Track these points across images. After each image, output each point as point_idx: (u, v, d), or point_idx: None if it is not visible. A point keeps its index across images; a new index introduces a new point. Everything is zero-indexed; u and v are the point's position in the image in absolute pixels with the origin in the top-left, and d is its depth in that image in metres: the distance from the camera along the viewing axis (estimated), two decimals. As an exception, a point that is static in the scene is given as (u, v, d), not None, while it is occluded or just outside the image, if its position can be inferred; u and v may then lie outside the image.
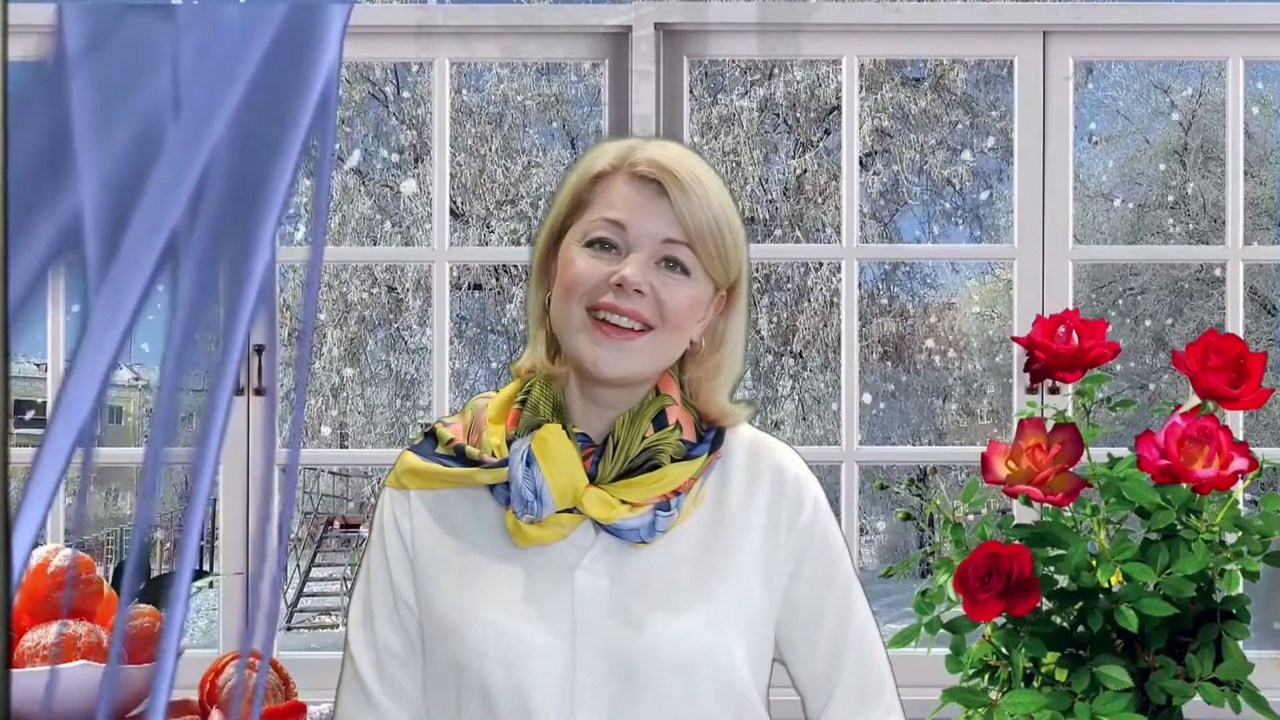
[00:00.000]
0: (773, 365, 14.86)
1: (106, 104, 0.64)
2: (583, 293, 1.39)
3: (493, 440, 1.44)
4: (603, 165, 1.44)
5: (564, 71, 14.87)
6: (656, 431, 1.43)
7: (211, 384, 0.63)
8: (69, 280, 0.64)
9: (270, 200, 0.65)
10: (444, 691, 1.43)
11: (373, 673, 1.45)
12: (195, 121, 0.64)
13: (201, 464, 0.63)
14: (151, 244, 0.62)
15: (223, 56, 0.65)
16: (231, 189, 0.64)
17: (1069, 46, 2.76)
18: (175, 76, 0.64)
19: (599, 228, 1.41)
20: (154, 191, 0.63)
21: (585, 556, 1.41)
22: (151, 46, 0.64)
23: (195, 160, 0.64)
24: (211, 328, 0.64)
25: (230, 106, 0.64)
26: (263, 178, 0.65)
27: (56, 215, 0.63)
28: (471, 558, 1.43)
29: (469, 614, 1.40)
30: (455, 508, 1.45)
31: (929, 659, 1.75)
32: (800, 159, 14.91)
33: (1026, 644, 1.62)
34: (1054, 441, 1.62)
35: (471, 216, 14.59)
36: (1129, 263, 14.06)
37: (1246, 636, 1.63)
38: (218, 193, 0.64)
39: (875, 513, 15.26)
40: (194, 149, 0.64)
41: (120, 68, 0.64)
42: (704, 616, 1.41)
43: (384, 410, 15.35)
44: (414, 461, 1.46)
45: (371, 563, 1.48)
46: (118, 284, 0.62)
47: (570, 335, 1.41)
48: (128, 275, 0.62)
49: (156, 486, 0.65)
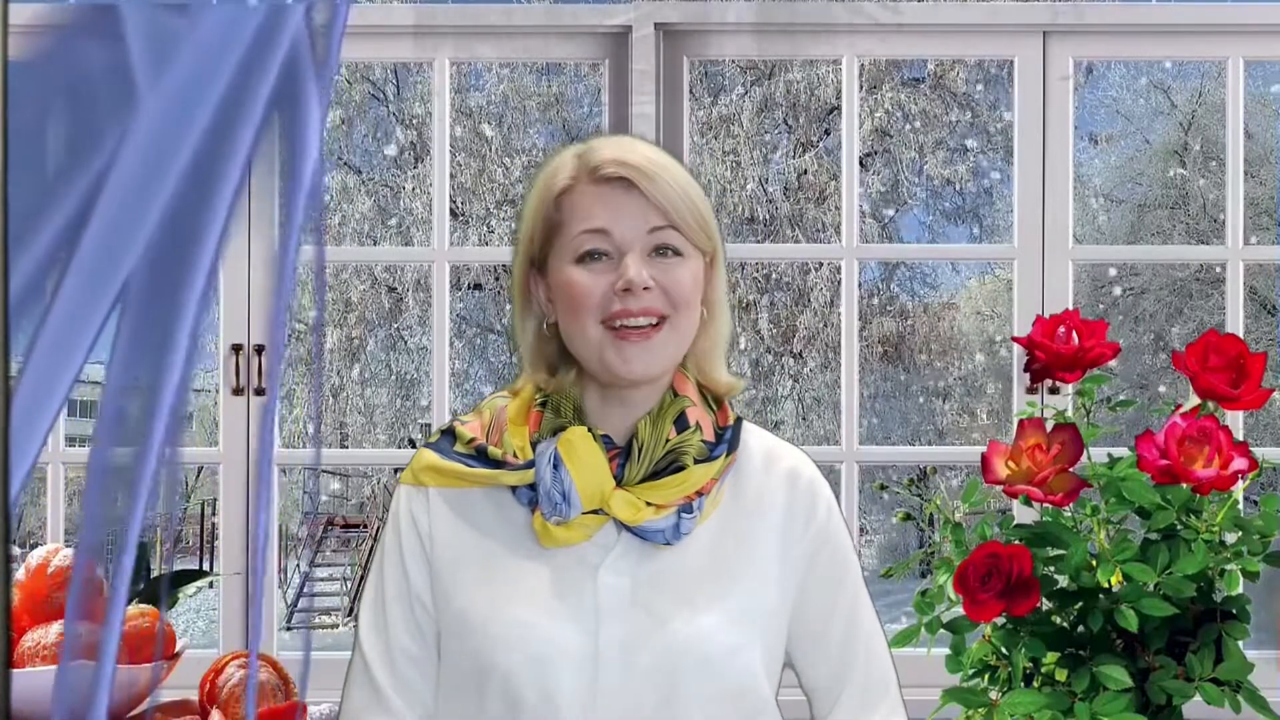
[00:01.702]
0: (773, 365, 14.85)
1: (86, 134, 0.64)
2: (592, 308, 1.41)
3: (515, 442, 1.44)
4: (564, 181, 1.44)
5: (564, 71, 14.87)
6: (679, 434, 1.44)
7: (153, 390, 0.63)
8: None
9: (212, 221, 0.65)
10: (463, 694, 1.42)
11: (384, 671, 1.45)
12: (155, 152, 0.63)
13: (140, 470, 0.62)
14: (108, 285, 0.62)
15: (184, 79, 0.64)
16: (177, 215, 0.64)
17: (1069, 46, 2.76)
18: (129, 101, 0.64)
19: (585, 241, 1.42)
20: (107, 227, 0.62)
21: (608, 556, 1.42)
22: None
23: (153, 194, 0.63)
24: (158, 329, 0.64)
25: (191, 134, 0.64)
26: (206, 199, 0.65)
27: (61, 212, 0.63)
28: (494, 556, 1.44)
29: (495, 611, 1.40)
30: (477, 506, 1.46)
31: (929, 659, 1.75)
32: (800, 159, 14.90)
33: (1026, 644, 1.62)
34: (1054, 441, 1.62)
35: (471, 216, 14.58)
36: (1129, 263, 14.05)
37: (1246, 636, 1.63)
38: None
39: (875, 512, 15.26)
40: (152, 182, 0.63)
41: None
42: (723, 616, 1.42)
43: (384, 410, 15.34)
44: (434, 459, 1.47)
45: (385, 559, 1.48)
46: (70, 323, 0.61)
47: (591, 350, 1.42)
48: (82, 314, 0.62)
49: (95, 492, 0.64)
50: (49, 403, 0.63)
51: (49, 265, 0.64)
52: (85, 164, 0.63)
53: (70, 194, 0.63)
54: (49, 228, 0.63)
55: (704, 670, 1.39)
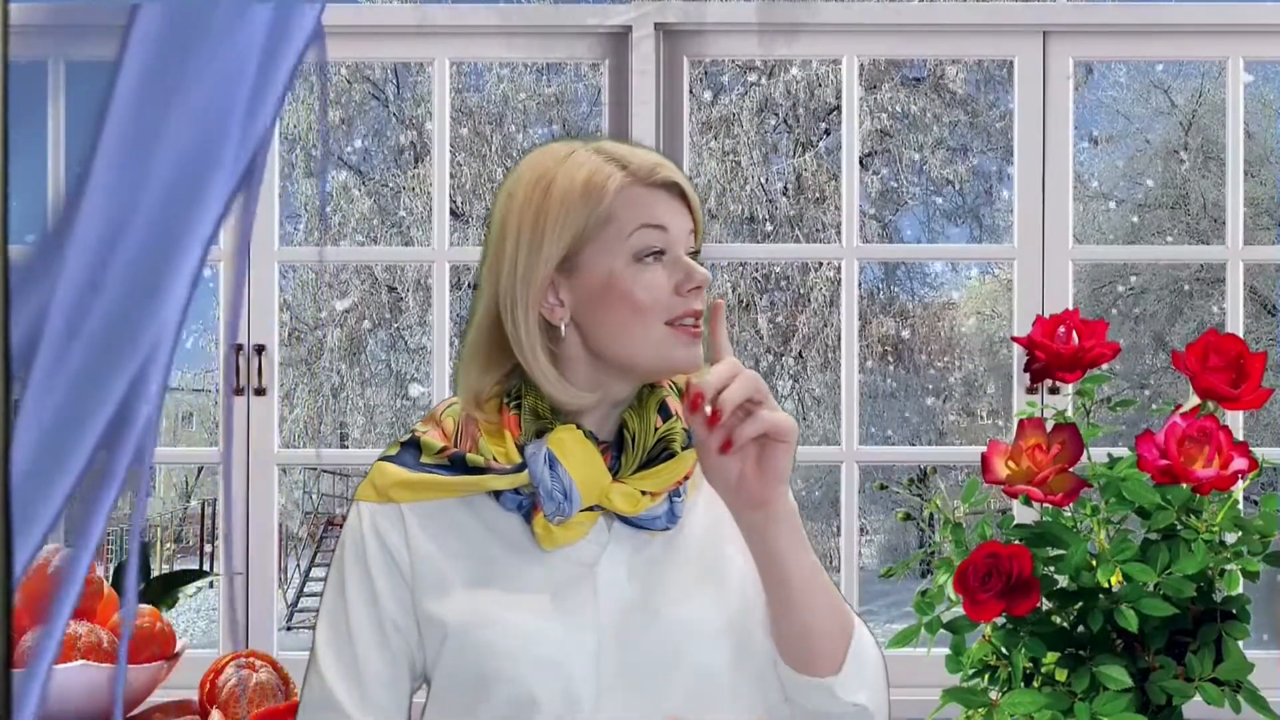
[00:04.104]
0: (773, 365, 14.85)
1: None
2: (659, 309, 1.40)
3: (494, 448, 1.42)
4: (619, 181, 1.41)
5: (564, 71, 14.87)
6: (665, 421, 1.45)
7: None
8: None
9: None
10: (462, 706, 1.40)
11: (349, 694, 1.41)
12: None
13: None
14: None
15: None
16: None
17: (1069, 46, 2.76)
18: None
19: (649, 237, 1.40)
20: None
21: (605, 551, 1.42)
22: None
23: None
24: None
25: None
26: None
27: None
28: (484, 565, 1.41)
29: (495, 620, 1.38)
30: (456, 517, 1.43)
31: (929, 659, 1.75)
32: (800, 159, 14.90)
33: (1026, 644, 1.62)
34: (1054, 441, 1.62)
35: (471, 216, 14.58)
36: (1129, 263, 14.05)
37: (1246, 636, 1.63)
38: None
39: (875, 512, 15.26)
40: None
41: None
42: (718, 595, 1.43)
43: (384, 410, 15.35)
44: (401, 474, 1.43)
45: (347, 580, 1.43)
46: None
47: (649, 348, 1.40)
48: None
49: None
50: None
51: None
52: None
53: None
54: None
55: (700, 652, 1.40)
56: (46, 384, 0.62)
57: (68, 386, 0.62)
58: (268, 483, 2.75)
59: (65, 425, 0.62)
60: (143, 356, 0.62)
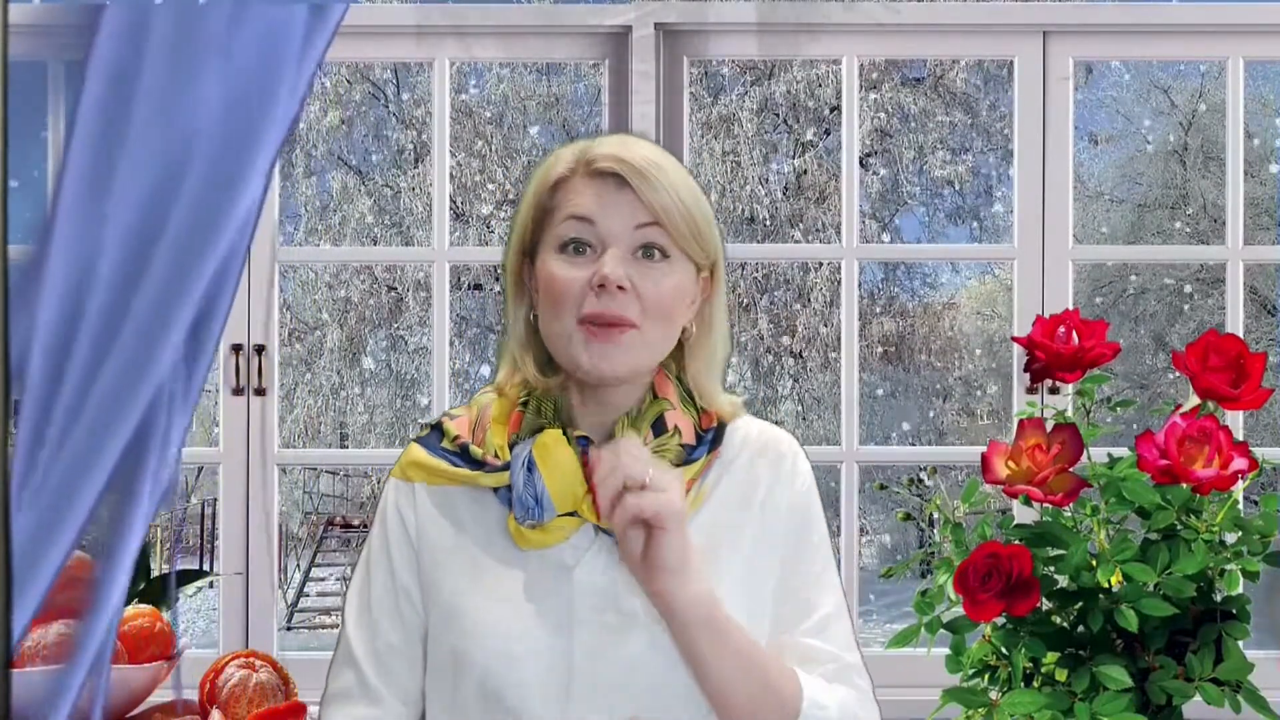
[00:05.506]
0: (773, 365, 14.84)
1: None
2: (570, 304, 1.40)
3: (495, 441, 1.44)
4: (561, 170, 1.44)
5: (564, 71, 14.86)
6: (656, 438, 1.43)
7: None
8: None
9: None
10: (442, 680, 1.44)
11: (370, 662, 1.47)
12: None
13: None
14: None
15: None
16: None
17: (1069, 46, 2.76)
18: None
19: (570, 228, 1.41)
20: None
21: (584, 557, 1.42)
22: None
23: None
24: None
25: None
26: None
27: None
28: (474, 554, 1.45)
29: (474, 608, 1.42)
30: (459, 504, 1.47)
31: (929, 659, 1.75)
32: (800, 159, 14.90)
33: (1026, 644, 1.62)
34: (1054, 441, 1.62)
35: (471, 216, 14.58)
36: (1129, 263, 14.05)
37: (1246, 636, 1.63)
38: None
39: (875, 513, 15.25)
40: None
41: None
42: None
43: (384, 410, 15.34)
44: (420, 455, 1.48)
45: (372, 552, 1.50)
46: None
47: (564, 346, 1.42)
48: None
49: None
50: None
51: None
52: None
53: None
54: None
55: (677, 666, 1.39)
56: (74, 405, 0.63)
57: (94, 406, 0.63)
58: (268, 483, 2.76)
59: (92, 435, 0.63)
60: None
